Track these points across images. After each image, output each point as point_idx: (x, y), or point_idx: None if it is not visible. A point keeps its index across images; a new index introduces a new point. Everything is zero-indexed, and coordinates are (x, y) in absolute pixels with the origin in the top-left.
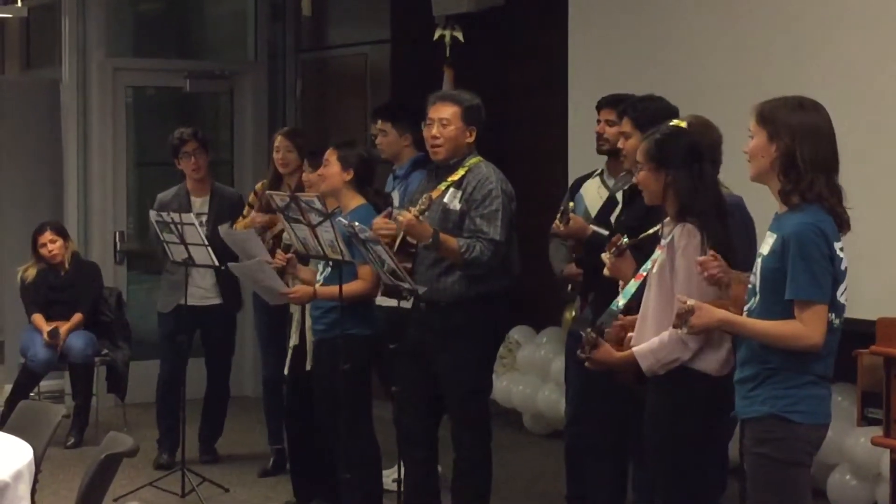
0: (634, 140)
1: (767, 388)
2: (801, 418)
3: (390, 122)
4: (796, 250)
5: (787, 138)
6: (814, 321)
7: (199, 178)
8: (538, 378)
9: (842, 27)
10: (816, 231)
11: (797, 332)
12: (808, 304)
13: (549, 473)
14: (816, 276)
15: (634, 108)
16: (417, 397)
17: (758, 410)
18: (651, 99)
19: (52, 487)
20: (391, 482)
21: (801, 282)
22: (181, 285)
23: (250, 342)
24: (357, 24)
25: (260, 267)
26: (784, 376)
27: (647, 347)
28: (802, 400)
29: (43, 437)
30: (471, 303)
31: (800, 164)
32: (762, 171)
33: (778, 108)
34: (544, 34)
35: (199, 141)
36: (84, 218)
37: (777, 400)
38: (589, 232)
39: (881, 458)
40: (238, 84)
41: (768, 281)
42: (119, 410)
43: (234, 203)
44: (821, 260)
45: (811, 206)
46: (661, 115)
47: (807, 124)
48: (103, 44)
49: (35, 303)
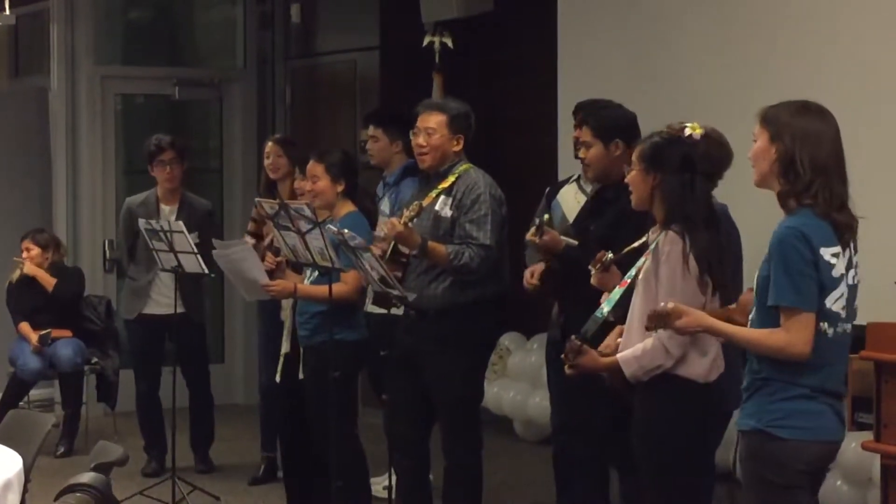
0: (596, 149)
1: (756, 400)
2: (788, 434)
3: (381, 129)
4: (777, 256)
5: (787, 140)
6: (797, 329)
7: (172, 188)
8: (529, 385)
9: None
10: (797, 235)
11: (781, 340)
12: (792, 312)
13: (539, 480)
14: (796, 282)
15: (594, 118)
16: (408, 405)
17: (746, 424)
18: (609, 107)
19: (42, 497)
20: (382, 489)
21: (781, 288)
22: (144, 292)
23: (240, 350)
24: (346, 31)
25: (244, 255)
26: (774, 388)
27: (630, 354)
28: (792, 415)
29: (33, 447)
30: (462, 310)
31: (799, 166)
32: (764, 174)
33: (781, 111)
34: (533, 40)
35: (176, 150)
36: (73, 226)
37: (764, 414)
38: (562, 246)
39: (872, 463)
40: (227, 91)
41: (761, 289)
42: (109, 419)
43: (203, 215)
44: (801, 265)
45: (802, 209)
46: (620, 123)
47: (808, 127)
48: (92, 52)
49: (20, 311)
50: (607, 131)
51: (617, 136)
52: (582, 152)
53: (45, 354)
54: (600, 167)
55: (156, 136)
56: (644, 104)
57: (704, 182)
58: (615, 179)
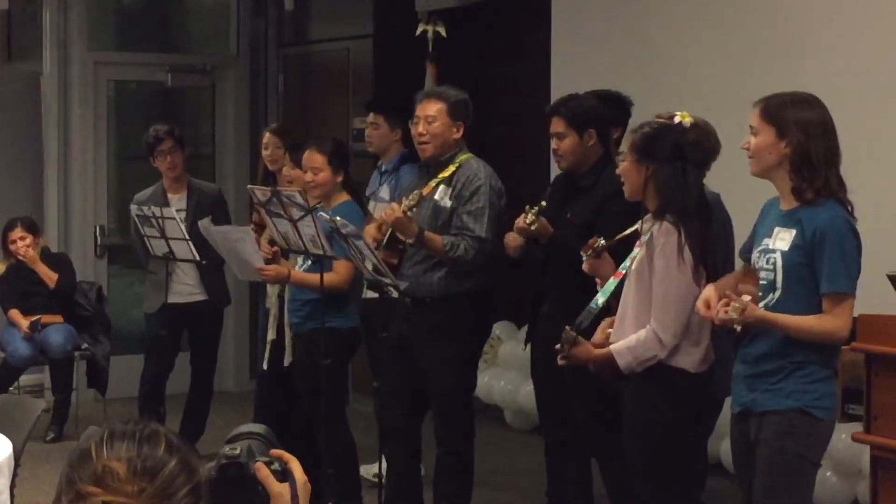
0: (570, 140)
1: (793, 381)
2: (824, 414)
3: (383, 116)
4: (834, 245)
5: (800, 135)
6: (846, 315)
7: (176, 177)
8: (520, 374)
9: (826, 23)
10: (850, 226)
11: (831, 326)
12: (843, 298)
13: (530, 469)
14: (851, 270)
15: (566, 107)
16: (401, 393)
17: (782, 403)
18: (580, 97)
19: (32, 482)
20: (372, 477)
21: (837, 275)
22: (165, 284)
23: (232, 338)
24: (339, 19)
25: (243, 236)
26: (809, 370)
27: (624, 345)
28: (825, 396)
29: (22, 432)
30: (456, 299)
31: (814, 160)
32: (768, 167)
33: (785, 105)
34: (527, 29)
35: (174, 139)
36: (64, 212)
37: (804, 394)
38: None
39: (861, 454)
40: (220, 78)
41: (793, 276)
42: (99, 405)
43: (215, 198)
44: (854, 254)
45: (829, 200)
46: (592, 113)
47: (816, 120)
48: (84, 37)
49: (9, 299)
50: (581, 121)
51: (590, 126)
52: (555, 143)
53: (36, 340)
54: (574, 158)
55: (153, 128)
56: (637, 94)
57: (695, 170)
58: (589, 167)
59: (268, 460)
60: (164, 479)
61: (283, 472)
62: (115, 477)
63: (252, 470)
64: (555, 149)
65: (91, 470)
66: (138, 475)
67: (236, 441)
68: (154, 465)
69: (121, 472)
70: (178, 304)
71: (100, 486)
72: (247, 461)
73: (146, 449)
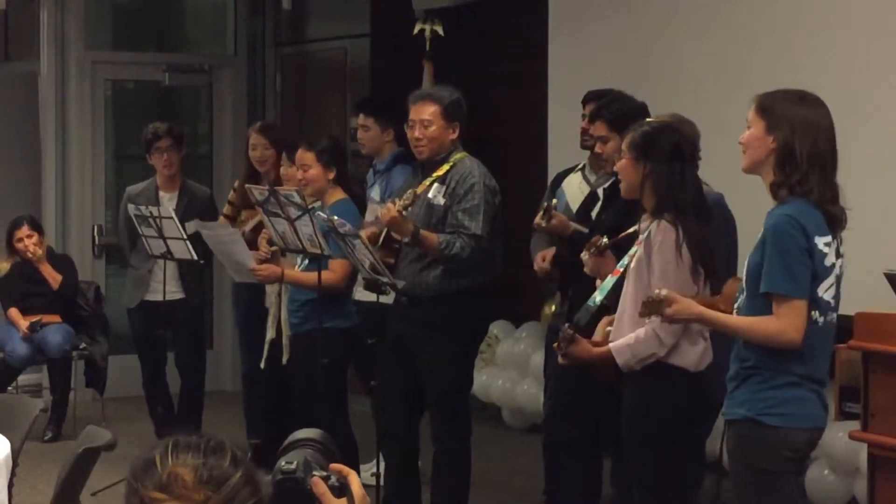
0: (614, 143)
1: (745, 389)
2: (778, 422)
3: (373, 118)
4: (772, 243)
5: (787, 130)
6: (790, 316)
7: (170, 175)
8: (517, 373)
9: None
10: (793, 223)
11: (773, 328)
12: (785, 299)
13: (527, 468)
14: (791, 269)
15: (609, 110)
16: (398, 392)
17: (736, 413)
18: (623, 99)
19: (30, 481)
20: (370, 476)
21: (775, 275)
22: (146, 280)
23: (228, 337)
24: (337, 18)
25: (233, 238)
26: (763, 376)
27: (623, 343)
28: (781, 402)
29: (20, 431)
30: (452, 298)
31: (797, 157)
32: (756, 161)
33: (779, 100)
34: (524, 28)
35: (173, 137)
36: (62, 211)
37: (754, 403)
38: (571, 230)
39: (859, 452)
40: (217, 78)
41: (751, 276)
42: (97, 404)
43: (205, 201)
44: (797, 253)
45: (797, 199)
46: (633, 114)
47: (807, 118)
48: (82, 37)
49: (10, 297)
50: (623, 123)
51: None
52: (598, 147)
53: (34, 340)
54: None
55: (152, 125)
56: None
57: (692, 169)
58: None
59: (325, 475)
60: (230, 491)
61: (341, 487)
62: (182, 484)
63: (308, 485)
64: (599, 152)
65: (156, 477)
66: (204, 483)
67: (292, 450)
68: (220, 476)
69: (188, 479)
70: (155, 301)
71: (165, 492)
72: (304, 476)
73: (212, 459)
